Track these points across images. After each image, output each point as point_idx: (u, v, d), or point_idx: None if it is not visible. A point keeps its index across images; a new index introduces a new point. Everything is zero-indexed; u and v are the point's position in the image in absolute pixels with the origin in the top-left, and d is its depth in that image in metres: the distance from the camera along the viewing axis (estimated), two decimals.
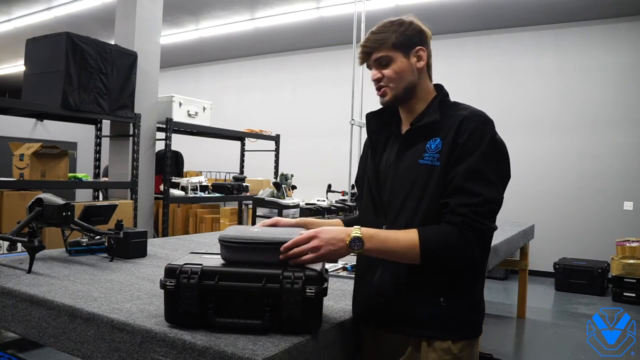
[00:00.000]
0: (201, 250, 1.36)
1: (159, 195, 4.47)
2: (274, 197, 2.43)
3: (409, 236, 1.16)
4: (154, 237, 3.94)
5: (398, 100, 1.30)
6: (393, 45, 1.26)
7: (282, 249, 1.14)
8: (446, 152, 1.20)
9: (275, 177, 5.57)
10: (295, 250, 1.13)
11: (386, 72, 1.27)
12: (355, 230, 1.15)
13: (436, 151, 1.22)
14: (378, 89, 1.31)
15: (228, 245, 1.17)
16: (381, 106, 1.37)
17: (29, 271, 1.65)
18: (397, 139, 1.34)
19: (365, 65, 1.33)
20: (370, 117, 1.41)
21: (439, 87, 1.35)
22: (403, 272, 1.22)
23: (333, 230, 1.15)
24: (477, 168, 1.16)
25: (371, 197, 1.34)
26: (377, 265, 1.28)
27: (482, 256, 1.20)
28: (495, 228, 1.18)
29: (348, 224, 1.44)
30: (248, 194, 5.24)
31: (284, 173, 2.57)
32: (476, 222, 1.13)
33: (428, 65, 1.31)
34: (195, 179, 4.91)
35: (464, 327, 1.25)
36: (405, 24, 1.27)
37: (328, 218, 3.05)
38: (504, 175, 1.22)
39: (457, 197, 1.15)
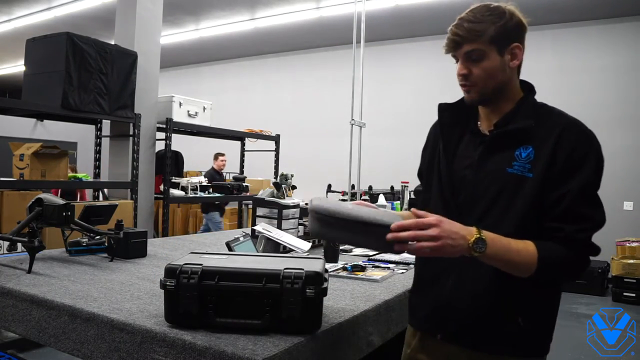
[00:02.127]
0: (201, 250, 1.36)
1: (159, 195, 4.47)
2: (274, 197, 2.42)
3: (529, 250, 1.07)
4: (154, 237, 3.94)
5: (484, 100, 1.18)
6: (490, 40, 1.12)
7: (396, 227, 1.00)
8: (542, 165, 1.09)
9: (275, 177, 5.57)
10: (411, 233, 1.00)
11: (475, 69, 1.14)
12: (477, 231, 1.03)
13: (527, 161, 1.11)
14: (463, 85, 1.17)
15: (324, 219, 1.07)
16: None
17: (29, 271, 1.65)
18: (475, 138, 1.22)
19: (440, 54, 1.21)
20: (444, 108, 1.28)
21: (527, 87, 1.23)
22: (481, 287, 1.13)
23: (455, 223, 1.03)
24: (589, 189, 1.09)
25: (442, 198, 1.22)
26: (448, 273, 1.18)
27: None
28: (599, 248, 1.12)
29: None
30: (248, 194, 5.24)
31: (284, 173, 2.56)
32: (590, 246, 1.10)
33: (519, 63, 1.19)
34: (195, 179, 4.91)
35: (535, 347, 1.17)
36: (506, 15, 1.14)
37: None
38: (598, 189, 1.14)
39: (573, 223, 1.07)
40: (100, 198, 4.64)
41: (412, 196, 3.41)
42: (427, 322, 1.25)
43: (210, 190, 5.10)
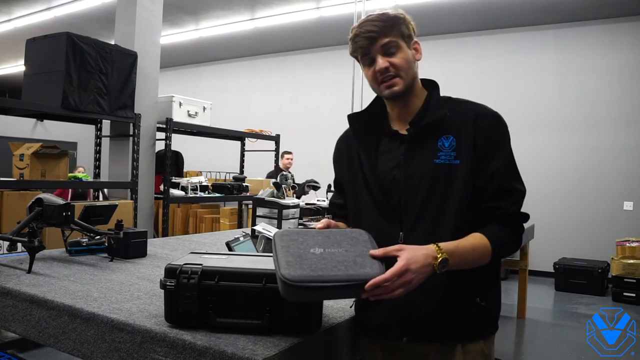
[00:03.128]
0: (201, 250, 1.36)
1: (159, 195, 4.47)
2: (274, 197, 2.42)
3: (482, 243, 1.13)
4: (154, 237, 3.94)
5: (407, 92, 1.21)
6: (401, 34, 1.20)
7: (370, 287, 0.97)
8: (466, 150, 1.17)
9: (275, 177, 5.57)
10: (387, 287, 0.99)
11: (395, 60, 1.18)
12: (439, 251, 1.05)
13: (451, 149, 1.17)
14: (385, 79, 1.19)
15: (293, 289, 0.98)
16: (364, 107, 1.33)
17: (29, 271, 1.65)
18: (394, 139, 1.26)
19: (359, 58, 1.22)
20: (354, 118, 1.32)
21: (431, 83, 1.29)
22: (438, 280, 1.11)
23: (420, 257, 1.03)
24: (511, 165, 1.19)
25: (375, 203, 1.23)
26: None
27: None
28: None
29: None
30: (248, 194, 5.24)
31: (284, 173, 2.57)
32: (523, 216, 1.20)
33: None
34: (195, 179, 4.91)
35: (493, 323, 1.25)
36: (401, 16, 1.22)
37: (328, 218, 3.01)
38: None
39: (506, 200, 1.17)
40: (100, 198, 4.64)
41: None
42: (388, 329, 1.22)
43: (210, 190, 5.09)
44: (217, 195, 5.08)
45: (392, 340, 1.23)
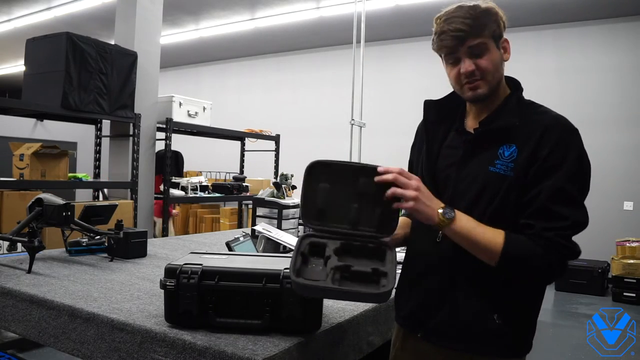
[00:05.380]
0: (201, 250, 1.36)
1: (159, 195, 4.47)
2: (274, 197, 2.43)
3: (496, 235, 1.06)
4: (154, 237, 3.94)
5: (491, 94, 1.15)
6: (491, 34, 1.11)
7: (383, 169, 1.08)
8: (523, 164, 1.08)
9: (275, 177, 5.57)
10: (394, 176, 1.06)
11: (482, 62, 1.11)
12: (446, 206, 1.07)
13: (510, 159, 1.09)
14: (469, 82, 1.13)
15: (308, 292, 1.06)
16: (439, 99, 1.26)
17: (29, 271, 1.65)
18: (460, 136, 1.20)
19: (438, 54, 1.16)
20: (430, 105, 1.26)
21: (514, 83, 1.21)
22: (458, 283, 1.13)
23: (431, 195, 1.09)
24: (564, 187, 1.06)
25: None
26: (428, 272, 1.19)
27: (560, 277, 1.12)
28: (579, 251, 1.07)
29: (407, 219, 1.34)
30: (248, 194, 5.24)
31: (284, 173, 2.57)
32: (562, 246, 1.04)
33: None
34: (195, 179, 4.91)
35: (513, 346, 1.15)
36: (492, 11, 1.12)
37: None
38: (586, 191, 1.12)
39: (543, 220, 1.05)
40: (100, 198, 4.64)
41: None
42: (409, 320, 1.25)
43: (210, 190, 5.10)
44: (217, 195, 5.09)
45: (411, 332, 1.24)
